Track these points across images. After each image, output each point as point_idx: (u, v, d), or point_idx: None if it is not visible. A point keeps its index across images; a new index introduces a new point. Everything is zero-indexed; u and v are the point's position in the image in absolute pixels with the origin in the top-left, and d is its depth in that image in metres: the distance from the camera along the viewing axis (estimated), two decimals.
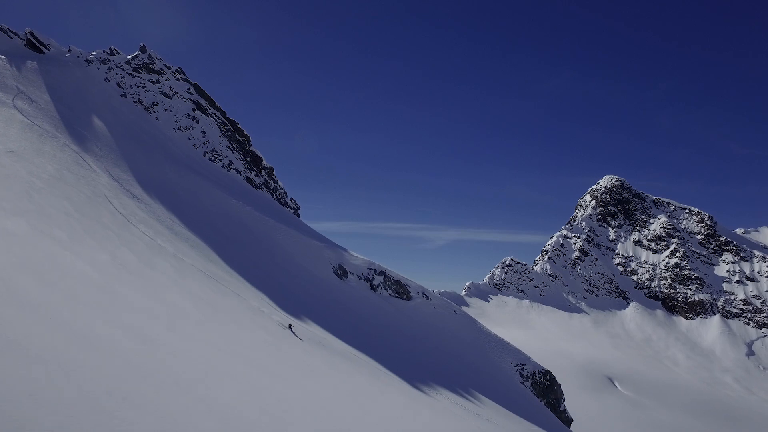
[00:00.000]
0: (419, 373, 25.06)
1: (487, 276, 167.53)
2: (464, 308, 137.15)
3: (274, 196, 53.26)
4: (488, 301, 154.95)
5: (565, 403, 38.05)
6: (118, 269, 17.47)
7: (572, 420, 38.12)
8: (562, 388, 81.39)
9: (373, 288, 34.81)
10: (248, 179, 48.86)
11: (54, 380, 6.68)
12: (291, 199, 57.42)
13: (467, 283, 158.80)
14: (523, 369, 35.14)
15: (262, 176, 53.04)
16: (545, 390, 35.29)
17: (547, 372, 36.78)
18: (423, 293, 37.29)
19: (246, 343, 16.65)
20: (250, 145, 53.68)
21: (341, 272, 34.04)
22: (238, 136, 52.37)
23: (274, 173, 55.77)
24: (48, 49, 47.34)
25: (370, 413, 15.06)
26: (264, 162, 54.58)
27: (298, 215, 57.01)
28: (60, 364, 7.35)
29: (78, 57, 48.68)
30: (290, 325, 20.43)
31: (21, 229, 15.40)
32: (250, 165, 51.63)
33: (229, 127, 52.05)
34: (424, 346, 30.25)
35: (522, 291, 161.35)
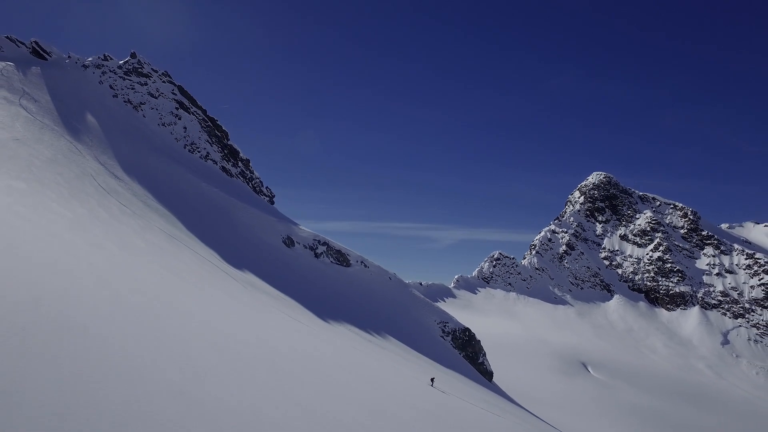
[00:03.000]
0: (334, 314, 31.90)
1: (476, 270, 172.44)
2: (451, 299, 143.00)
3: (250, 185, 60.38)
4: (476, 293, 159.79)
5: (486, 357, 44.63)
6: (92, 219, 24.51)
7: (492, 372, 44.64)
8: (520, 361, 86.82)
9: (317, 255, 41.73)
10: (224, 168, 56.06)
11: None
12: (266, 187, 64.50)
13: (456, 276, 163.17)
14: (444, 326, 41.82)
15: (239, 167, 60.20)
16: (464, 344, 41.87)
17: (467, 329, 43.37)
18: (362, 262, 44.04)
19: (180, 269, 23.63)
20: (228, 140, 60.91)
21: (289, 241, 41.01)
22: (217, 132, 59.61)
23: (251, 165, 62.97)
24: (50, 56, 54.71)
25: (268, 320, 21.99)
26: (241, 154, 61.77)
27: (273, 202, 64.12)
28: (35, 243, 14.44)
29: (76, 62, 56.10)
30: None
31: (21, 187, 22.50)
32: (227, 157, 58.81)
33: (209, 123, 59.30)
34: (350, 300, 37.06)
35: (509, 284, 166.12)
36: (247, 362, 10.58)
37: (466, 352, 41.53)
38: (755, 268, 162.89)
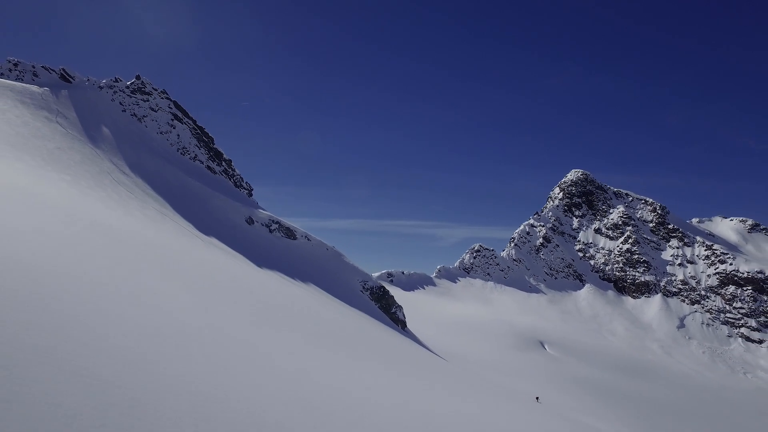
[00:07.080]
0: (270, 265, 47.06)
1: (458, 261, 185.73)
2: (431, 287, 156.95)
3: (231, 180, 75.72)
4: (456, 283, 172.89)
5: (401, 311, 59.46)
6: (108, 199, 39.91)
7: (404, 320, 59.36)
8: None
9: (270, 231, 56.86)
10: (209, 167, 71.37)
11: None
12: (246, 183, 80.00)
13: (438, 267, 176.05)
14: (365, 284, 56.59)
15: (222, 166, 75.63)
16: (379, 297, 56.64)
17: (382, 287, 58.16)
18: (306, 237, 59.03)
19: (162, 229, 38.91)
20: (213, 144, 76.37)
21: (250, 221, 56.22)
22: (204, 138, 75.05)
23: (233, 164, 78.53)
24: (74, 80, 70.31)
25: (214, 255, 37.21)
26: (224, 156, 77.34)
27: (251, 194, 79.53)
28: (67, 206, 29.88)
29: (93, 84, 71.65)
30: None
31: (68, 179, 37.97)
32: (212, 158, 74.18)
33: (198, 131, 74.71)
34: (288, 261, 52.05)
35: (488, 274, 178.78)
36: (181, 270, 25.57)
37: (381, 304, 56.34)
38: (712, 258, 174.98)
